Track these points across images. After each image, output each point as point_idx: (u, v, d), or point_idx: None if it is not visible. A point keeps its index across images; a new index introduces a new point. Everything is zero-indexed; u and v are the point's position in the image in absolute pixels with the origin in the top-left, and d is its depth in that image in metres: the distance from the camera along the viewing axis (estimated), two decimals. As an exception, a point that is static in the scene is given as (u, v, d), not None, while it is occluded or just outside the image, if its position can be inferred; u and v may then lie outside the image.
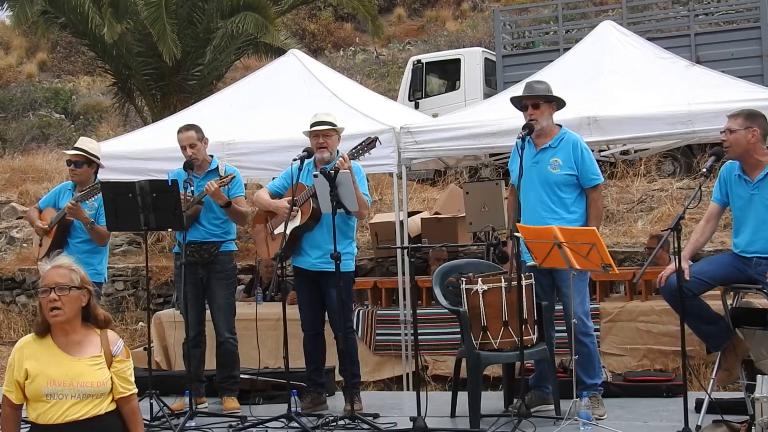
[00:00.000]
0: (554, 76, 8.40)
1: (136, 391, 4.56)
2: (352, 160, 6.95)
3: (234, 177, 7.41)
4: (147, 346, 7.66)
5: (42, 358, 4.45)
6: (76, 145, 7.83)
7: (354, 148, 7.04)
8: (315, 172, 6.91)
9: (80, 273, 4.53)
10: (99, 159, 7.81)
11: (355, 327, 8.73)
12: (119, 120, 22.63)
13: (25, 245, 15.05)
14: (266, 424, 6.83)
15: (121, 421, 4.54)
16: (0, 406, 4.64)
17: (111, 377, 4.45)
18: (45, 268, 4.54)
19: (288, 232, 7.08)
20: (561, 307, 6.82)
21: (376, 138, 7.13)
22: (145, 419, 6.88)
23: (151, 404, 7.08)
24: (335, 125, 7.24)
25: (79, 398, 4.39)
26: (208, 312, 7.72)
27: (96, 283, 7.63)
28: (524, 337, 6.44)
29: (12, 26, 18.51)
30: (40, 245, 7.77)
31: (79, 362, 4.43)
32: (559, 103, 6.88)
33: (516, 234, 6.40)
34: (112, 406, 4.48)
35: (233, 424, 6.99)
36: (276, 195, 7.41)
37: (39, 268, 4.63)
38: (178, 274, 7.47)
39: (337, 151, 7.23)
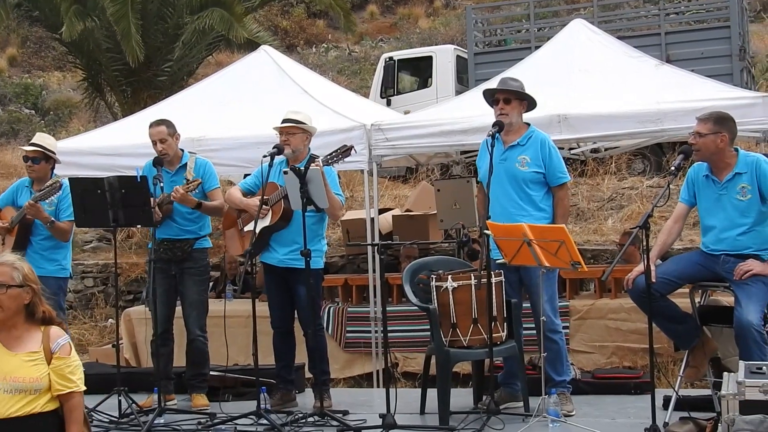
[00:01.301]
0: (525, 73, 8.41)
1: (77, 389, 4.45)
2: (326, 166, 6.93)
3: (200, 182, 7.35)
4: (116, 342, 7.62)
5: None
6: (32, 141, 7.77)
7: (329, 155, 7.00)
8: (285, 169, 6.89)
9: (23, 271, 4.46)
10: (55, 154, 7.75)
11: (325, 324, 8.77)
12: (89, 116, 22.47)
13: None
14: (235, 421, 6.81)
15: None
16: None
17: (48, 374, 4.40)
18: None
19: (257, 230, 7.07)
20: (530, 304, 6.84)
21: (352, 147, 7.08)
22: (113, 416, 6.92)
23: (120, 401, 7.06)
24: (302, 123, 7.21)
25: (12, 393, 4.34)
26: (177, 309, 7.69)
27: (61, 278, 7.64)
28: (493, 335, 6.45)
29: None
30: (2, 244, 7.70)
31: (14, 357, 4.40)
32: (530, 104, 6.91)
33: (486, 231, 6.41)
34: (53, 405, 4.42)
35: (202, 421, 6.98)
36: (248, 193, 7.38)
37: None
38: (150, 270, 7.43)
39: (309, 150, 7.21)
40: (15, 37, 29.79)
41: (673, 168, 6.02)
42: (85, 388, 4.52)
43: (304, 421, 6.78)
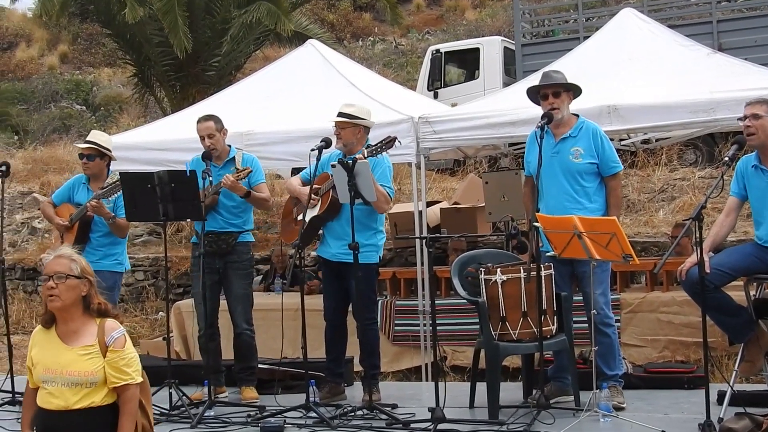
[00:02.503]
0: (574, 64, 8.35)
1: (134, 381, 4.50)
2: (369, 157, 6.92)
3: (250, 171, 7.39)
4: (166, 335, 7.68)
5: (44, 346, 4.54)
6: (87, 139, 7.86)
7: (373, 146, 7.01)
8: (333, 162, 6.90)
9: (81, 263, 4.56)
10: (111, 151, 7.84)
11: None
12: (139, 111, 22.70)
13: (46, 235, 15.10)
14: (285, 414, 6.83)
15: None
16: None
17: (103, 367, 4.44)
18: (48, 258, 4.59)
19: (307, 220, 7.09)
20: (581, 298, 6.78)
21: (395, 138, 7.08)
22: (164, 408, 6.96)
23: (171, 394, 7.10)
24: (353, 117, 7.20)
25: (68, 386, 4.42)
26: (222, 303, 7.72)
27: (117, 273, 7.76)
28: (543, 328, 6.40)
29: (36, 15, 18.53)
30: (62, 242, 7.79)
31: (70, 351, 4.47)
32: (576, 92, 6.84)
33: (535, 224, 6.36)
34: (112, 398, 4.48)
35: (252, 413, 6.99)
36: (306, 183, 7.40)
37: (42, 259, 4.66)
38: (196, 264, 7.47)
39: (367, 142, 7.21)
40: (66, 34, 30.14)
41: (726, 159, 5.90)
42: (141, 380, 4.56)
43: (352, 414, 6.77)
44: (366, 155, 6.88)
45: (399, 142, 7.17)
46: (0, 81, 28.70)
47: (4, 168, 7.91)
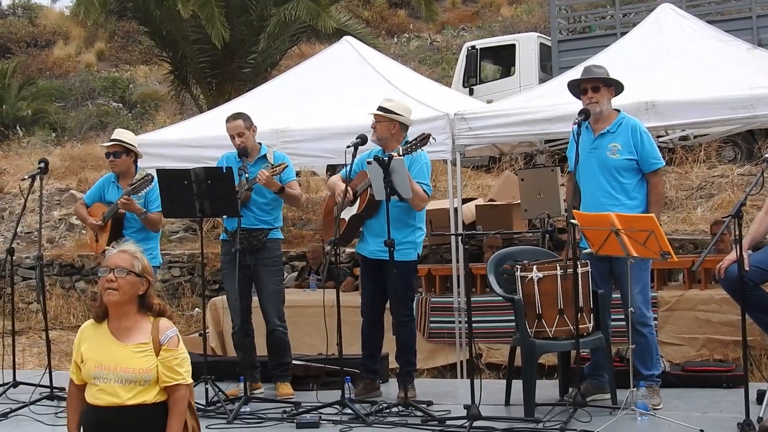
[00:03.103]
0: (611, 60, 8.27)
1: (185, 382, 4.51)
2: (406, 154, 6.91)
3: (286, 166, 7.42)
4: (202, 332, 7.72)
5: (95, 342, 4.53)
6: (112, 137, 7.95)
7: (408, 143, 7.00)
8: (368, 159, 6.89)
9: (143, 262, 4.57)
10: (136, 147, 7.91)
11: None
12: (175, 108, 22.83)
13: (83, 232, 15.22)
14: (320, 410, 6.84)
15: None
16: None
17: (157, 365, 4.46)
18: (112, 252, 4.60)
19: (347, 218, 7.09)
20: (619, 295, 6.73)
21: (429, 135, 7.07)
22: (200, 404, 6.99)
23: (207, 389, 7.14)
24: (390, 112, 7.18)
25: (122, 383, 4.42)
26: (255, 299, 7.74)
27: (153, 267, 7.79)
28: (580, 326, 6.36)
29: (75, 15, 18.68)
30: (96, 241, 7.86)
31: (125, 348, 4.47)
32: (618, 88, 6.78)
33: (572, 221, 6.32)
34: (164, 397, 4.50)
35: (287, 409, 7.01)
36: (347, 181, 7.39)
37: (106, 253, 4.67)
38: (226, 261, 7.51)
39: (405, 138, 7.20)
40: (103, 32, 30.36)
41: (766, 155, 5.84)
42: (191, 381, 4.57)
43: (388, 411, 6.77)
44: (402, 153, 6.86)
45: (433, 138, 7.16)
46: (38, 79, 28.95)
47: (42, 165, 7.99)
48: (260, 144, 7.73)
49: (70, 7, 19.75)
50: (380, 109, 7.20)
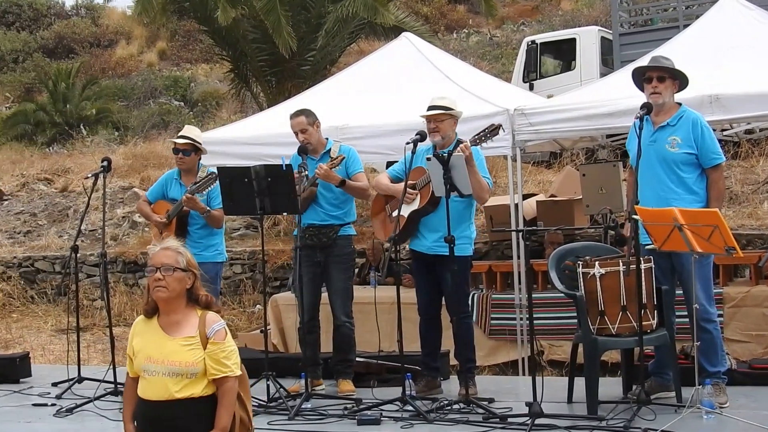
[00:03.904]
0: (674, 53, 8.13)
1: (232, 373, 4.55)
2: (474, 146, 6.89)
3: (343, 158, 7.43)
4: (264, 328, 7.76)
5: (145, 336, 4.62)
6: (182, 134, 8.01)
7: (476, 135, 6.97)
8: (428, 156, 6.88)
9: (186, 256, 4.64)
10: (202, 145, 7.99)
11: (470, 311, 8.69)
12: (236, 106, 22.99)
13: (146, 229, 15.40)
14: (381, 407, 6.84)
15: None
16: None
17: (204, 358, 4.50)
18: (154, 249, 4.66)
19: (406, 215, 7.08)
20: (682, 292, 6.64)
21: (500, 125, 7.05)
22: (262, 400, 7.04)
23: (268, 386, 7.18)
24: (450, 109, 7.18)
25: (170, 376, 4.49)
26: (323, 296, 7.76)
27: (219, 263, 7.92)
28: (643, 323, 6.28)
29: (135, 16, 18.96)
30: (162, 238, 7.94)
31: (173, 341, 4.54)
32: (683, 82, 6.68)
33: (634, 216, 6.24)
34: (212, 390, 4.54)
35: (348, 406, 7.02)
36: (396, 180, 7.39)
37: (148, 250, 4.73)
38: (296, 257, 7.53)
39: (456, 135, 7.17)
40: (164, 31, 30.68)
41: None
42: (240, 373, 4.61)
43: (449, 408, 6.75)
44: (471, 145, 6.83)
45: (503, 129, 7.13)
46: (101, 78, 29.34)
47: (105, 163, 8.10)
48: (327, 139, 7.75)
49: (132, 7, 20.05)
50: (440, 107, 7.17)
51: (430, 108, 7.18)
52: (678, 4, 17.66)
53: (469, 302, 8.70)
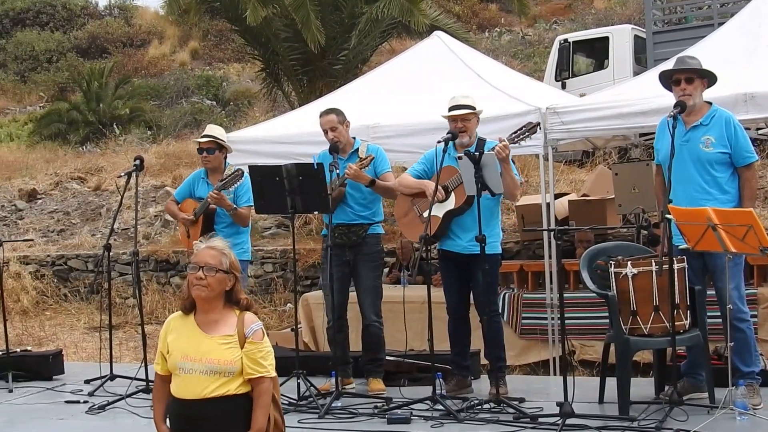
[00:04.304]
0: (708, 51, 8.09)
1: (267, 374, 4.56)
2: (512, 144, 6.87)
3: (373, 158, 7.42)
4: (294, 327, 7.78)
5: (181, 333, 4.62)
6: (205, 133, 8.05)
7: (514, 133, 6.95)
8: (459, 155, 6.85)
9: (231, 258, 4.65)
10: (227, 143, 8.01)
11: (500, 310, 8.67)
12: (267, 105, 23.05)
13: (178, 228, 15.48)
14: (411, 406, 6.83)
15: None
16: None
17: (241, 357, 4.51)
18: (200, 246, 4.66)
19: (440, 215, 7.06)
20: (714, 292, 6.58)
21: (538, 123, 7.05)
22: (292, 398, 7.05)
23: (299, 384, 7.19)
24: (474, 108, 7.16)
25: (207, 374, 4.49)
26: (351, 295, 7.77)
27: (244, 261, 7.91)
28: (676, 323, 6.24)
29: (166, 14, 19.07)
30: (188, 236, 7.98)
31: (210, 339, 4.55)
32: (711, 80, 6.63)
33: (668, 216, 6.20)
34: (246, 389, 4.55)
35: (379, 405, 7.02)
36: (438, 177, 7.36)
37: (194, 247, 4.73)
38: (325, 256, 7.54)
39: (476, 134, 7.15)
40: (196, 31, 30.83)
41: None
42: (275, 374, 4.62)
43: (479, 407, 6.74)
44: (508, 143, 6.81)
45: (540, 127, 7.10)
46: (134, 78, 29.54)
47: (138, 162, 8.15)
48: (354, 138, 7.76)
49: (164, 6, 20.11)
50: (466, 107, 7.14)
51: (457, 107, 7.16)
52: (713, 1, 17.55)
53: (499, 301, 8.70)
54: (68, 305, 14.58)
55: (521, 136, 6.92)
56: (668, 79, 6.70)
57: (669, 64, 7.54)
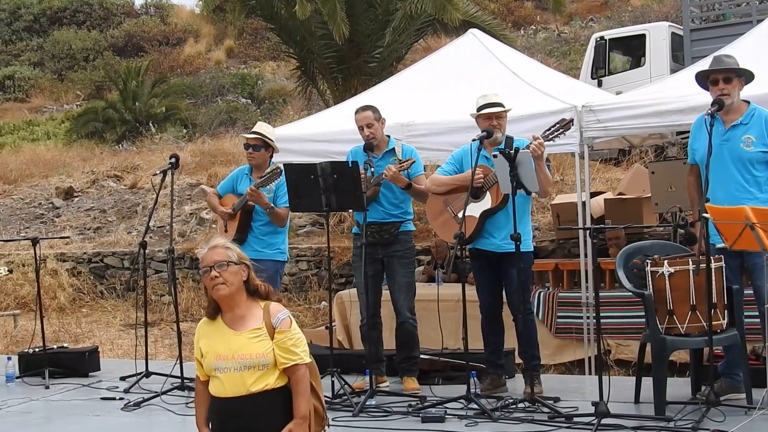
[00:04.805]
0: (746, 49, 8.01)
1: (301, 361, 4.56)
2: (546, 142, 6.84)
3: (413, 162, 7.42)
4: (329, 325, 7.78)
5: (212, 336, 4.64)
6: (254, 129, 8.06)
7: (548, 130, 6.92)
8: (494, 153, 6.83)
9: (235, 250, 4.68)
10: (274, 142, 8.01)
11: (535, 309, 8.64)
12: (302, 103, 23.10)
13: (213, 226, 15.55)
14: (445, 405, 6.82)
15: None
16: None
17: (273, 348, 4.52)
18: (203, 252, 4.69)
19: (476, 215, 7.04)
20: (752, 291, 6.51)
21: (571, 120, 7.01)
22: (326, 396, 7.04)
23: (333, 382, 7.20)
24: (504, 105, 7.13)
25: (242, 370, 4.51)
26: (385, 293, 7.76)
27: (279, 262, 7.92)
28: (713, 322, 6.17)
29: (202, 13, 19.18)
30: (225, 231, 8.01)
31: (240, 336, 4.56)
32: (748, 78, 6.56)
33: (705, 215, 6.14)
34: (283, 381, 4.56)
35: (413, 403, 7.01)
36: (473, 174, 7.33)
37: (197, 253, 4.77)
38: (358, 254, 7.54)
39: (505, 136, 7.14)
40: (232, 29, 30.98)
41: None
42: (309, 360, 4.62)
43: (514, 406, 6.71)
44: (543, 141, 6.78)
45: (572, 124, 7.07)
46: (170, 76, 29.72)
47: (173, 160, 8.19)
48: (389, 137, 7.75)
49: (200, 5, 20.28)
50: (499, 105, 7.12)
51: (489, 105, 7.12)
52: (751, -2, 17.37)
53: (534, 300, 8.66)
54: (104, 302, 14.69)
55: (555, 134, 6.89)
56: (705, 79, 6.63)
57: (705, 63, 7.48)
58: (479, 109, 7.16)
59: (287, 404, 4.54)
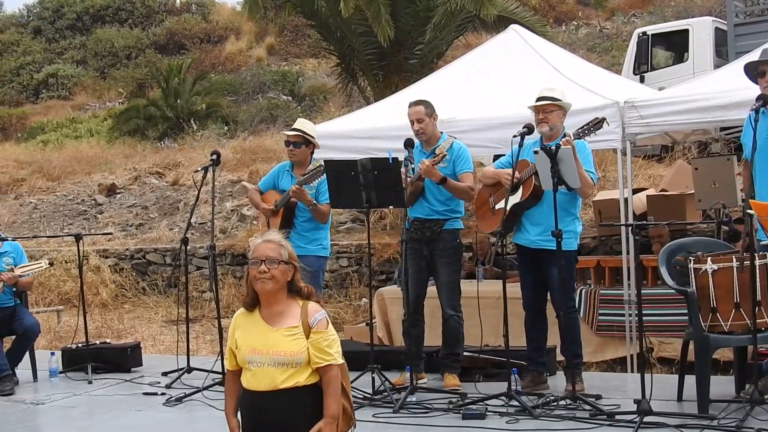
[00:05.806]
0: (792, 43, 7.90)
1: (335, 362, 4.57)
2: (577, 139, 6.79)
3: (445, 156, 7.39)
4: (369, 321, 7.78)
5: (248, 329, 4.65)
6: (294, 126, 8.08)
7: (580, 128, 6.88)
8: (535, 149, 6.80)
9: (288, 249, 4.68)
10: (315, 139, 8.02)
11: (577, 306, 8.58)
12: (343, 100, 23.13)
13: (254, 222, 15.63)
14: (486, 402, 6.80)
15: None
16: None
17: (307, 348, 4.53)
18: (256, 242, 4.70)
19: (507, 208, 7.02)
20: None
21: (604, 119, 6.96)
22: (367, 393, 7.06)
23: (373, 378, 7.20)
24: (559, 100, 7.09)
25: (275, 366, 4.52)
26: (430, 290, 7.75)
27: (322, 257, 7.94)
28: (758, 320, 6.10)
29: (244, 14, 19.25)
30: (268, 226, 8.04)
31: (276, 332, 4.57)
32: (798, 74, 6.47)
33: (749, 211, 6.06)
34: (314, 379, 4.57)
35: (453, 400, 7.00)
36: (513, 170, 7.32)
37: (250, 242, 4.79)
38: (402, 250, 7.53)
39: (563, 128, 7.08)
40: (273, 26, 31.08)
41: None
42: (342, 361, 4.64)
43: (555, 404, 6.68)
44: (573, 138, 6.74)
45: (607, 123, 7.02)
46: (211, 74, 29.88)
47: (215, 157, 8.22)
48: (442, 133, 7.73)
49: (241, 3, 20.32)
50: (549, 98, 7.09)
51: (539, 99, 7.11)
52: (797, -8, 17.14)
53: (576, 297, 8.60)
54: (146, 298, 14.82)
55: (586, 132, 6.84)
56: (754, 71, 6.54)
57: (752, 56, 7.39)
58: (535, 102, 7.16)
59: (316, 402, 4.56)
